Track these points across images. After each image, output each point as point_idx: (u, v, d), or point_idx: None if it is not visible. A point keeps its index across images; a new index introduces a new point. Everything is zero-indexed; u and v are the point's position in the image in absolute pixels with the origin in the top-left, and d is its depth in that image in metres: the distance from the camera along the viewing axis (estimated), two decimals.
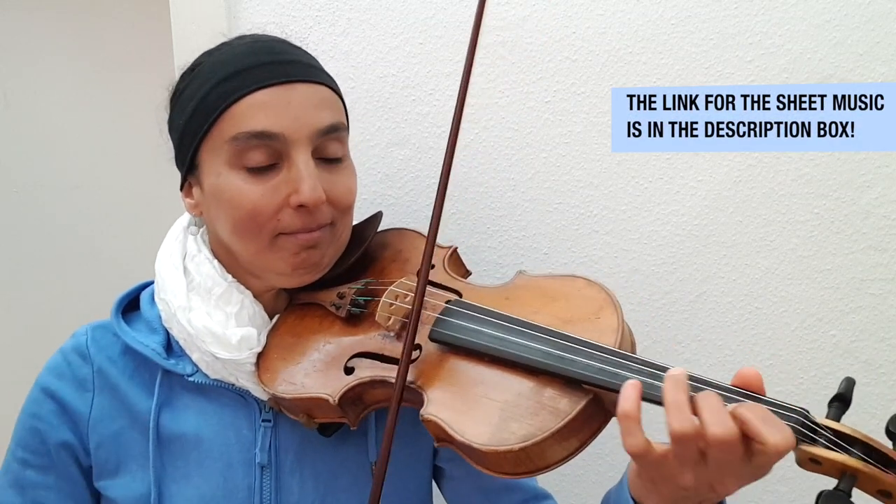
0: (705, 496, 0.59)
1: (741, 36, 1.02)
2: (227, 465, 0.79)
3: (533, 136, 1.07)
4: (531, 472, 0.64)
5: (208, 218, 0.81)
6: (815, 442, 0.57)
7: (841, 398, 0.61)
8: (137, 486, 0.79)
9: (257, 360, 0.79)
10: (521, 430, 0.62)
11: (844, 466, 0.56)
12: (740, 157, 1.04)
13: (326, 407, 0.75)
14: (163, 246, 0.85)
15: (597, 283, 0.73)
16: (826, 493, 0.56)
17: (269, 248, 0.77)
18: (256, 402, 0.81)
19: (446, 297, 0.77)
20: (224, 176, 0.76)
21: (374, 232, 0.89)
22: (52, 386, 0.81)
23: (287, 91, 0.75)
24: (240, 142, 0.74)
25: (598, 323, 0.68)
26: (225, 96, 0.75)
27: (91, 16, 1.74)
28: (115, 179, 1.80)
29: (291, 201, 0.75)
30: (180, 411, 0.81)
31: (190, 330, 0.78)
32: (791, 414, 0.58)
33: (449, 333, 0.72)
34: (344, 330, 0.80)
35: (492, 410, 0.65)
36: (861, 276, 1.04)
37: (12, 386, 1.43)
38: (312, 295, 0.84)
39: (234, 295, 0.80)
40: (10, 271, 1.84)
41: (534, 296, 0.75)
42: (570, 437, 0.63)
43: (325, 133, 0.77)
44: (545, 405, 0.64)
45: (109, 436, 0.80)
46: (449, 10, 1.06)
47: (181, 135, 0.80)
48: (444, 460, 0.90)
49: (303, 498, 0.80)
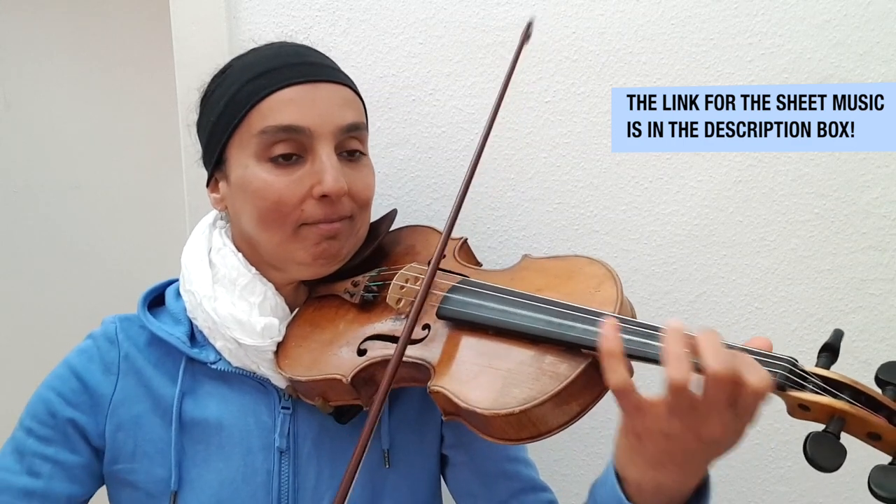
0: (689, 451, 0.60)
1: (741, 36, 1.02)
2: (247, 449, 0.82)
3: (533, 136, 1.07)
4: (534, 436, 0.66)
5: (233, 211, 0.84)
6: (803, 388, 0.58)
7: (829, 348, 0.62)
8: (157, 470, 0.81)
9: (277, 349, 0.83)
10: (522, 394, 0.65)
11: (833, 409, 0.57)
12: (740, 157, 1.04)
13: (340, 388, 0.77)
14: (189, 241, 0.89)
15: (598, 260, 0.75)
16: (814, 434, 0.56)
17: (292, 238, 0.81)
18: (276, 390, 0.84)
19: (450, 285, 0.79)
20: (251, 168, 0.80)
21: (389, 227, 0.93)
22: (80, 367, 0.84)
23: (313, 89, 0.80)
24: (268, 135, 0.79)
25: (598, 296, 0.71)
26: (255, 93, 0.79)
27: (91, 16, 1.74)
28: (115, 179, 1.79)
29: (315, 192, 0.79)
30: (203, 398, 0.83)
31: (215, 318, 0.81)
32: (779, 362, 0.60)
33: (454, 309, 0.75)
34: (358, 316, 0.83)
35: (495, 378, 0.67)
36: (861, 276, 1.04)
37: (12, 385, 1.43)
38: (329, 287, 0.87)
39: (258, 286, 0.83)
40: (9, 271, 1.83)
41: (537, 275, 0.78)
42: (570, 400, 0.65)
43: (348, 130, 0.82)
44: (546, 370, 0.66)
45: (130, 419, 0.83)
46: (449, 10, 1.06)
47: (211, 131, 0.84)
48: (448, 447, 0.91)
49: (319, 483, 0.83)
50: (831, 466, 0.55)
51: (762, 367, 0.57)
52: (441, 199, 1.09)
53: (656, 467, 0.62)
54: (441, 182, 1.09)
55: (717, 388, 0.56)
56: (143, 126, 1.73)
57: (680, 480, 0.62)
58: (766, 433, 1.08)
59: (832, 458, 0.55)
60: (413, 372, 0.74)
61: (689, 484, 0.63)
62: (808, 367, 0.60)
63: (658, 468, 0.62)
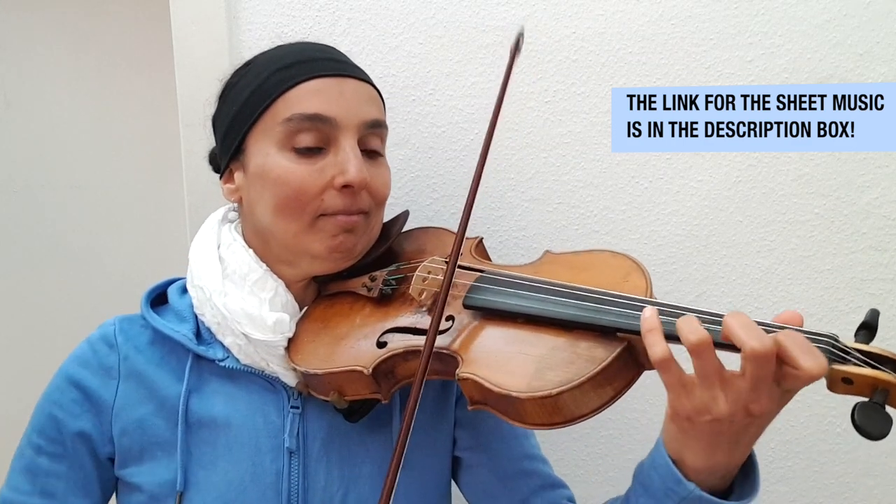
0: (739, 428, 0.61)
1: (741, 36, 1.02)
2: (255, 450, 0.81)
3: (533, 136, 1.07)
4: (566, 421, 0.66)
5: (248, 201, 0.84)
6: (846, 362, 0.59)
7: (867, 326, 0.63)
8: (163, 472, 0.80)
9: (288, 345, 0.82)
10: (558, 377, 0.64)
11: (876, 381, 0.57)
12: (740, 157, 1.04)
13: (359, 380, 0.77)
14: (197, 236, 0.88)
15: (622, 253, 0.75)
16: (861, 403, 0.57)
17: (310, 229, 0.80)
18: (285, 388, 0.83)
19: (475, 276, 0.79)
20: (273, 156, 0.80)
21: (401, 228, 0.93)
22: (77, 374, 0.82)
23: (340, 83, 0.81)
24: (293, 123, 0.79)
25: (626, 285, 0.70)
26: (283, 82, 0.80)
27: (91, 16, 1.74)
28: (115, 179, 1.79)
29: (336, 182, 0.79)
30: (209, 396, 0.82)
31: (225, 312, 0.80)
32: (821, 338, 0.60)
33: (482, 298, 0.74)
34: (375, 310, 0.83)
35: (528, 363, 0.67)
36: (861, 276, 1.04)
37: (12, 386, 1.43)
38: (341, 284, 0.87)
39: (269, 282, 0.83)
40: (9, 271, 1.83)
41: (562, 269, 0.77)
42: (605, 384, 0.65)
43: (371, 126, 0.82)
44: (581, 355, 0.66)
45: (134, 422, 0.81)
46: (449, 10, 1.06)
47: (231, 121, 0.83)
48: (463, 449, 0.91)
49: (329, 484, 0.82)
50: (880, 434, 0.56)
51: (820, 353, 0.57)
52: (441, 198, 1.09)
53: (712, 447, 0.62)
54: (441, 182, 1.09)
55: (759, 365, 0.57)
56: (143, 126, 1.73)
57: (732, 457, 0.64)
58: (766, 433, 1.07)
59: (881, 426, 0.56)
60: (437, 364, 0.73)
61: (740, 459, 0.65)
62: (847, 342, 0.61)
63: (713, 449, 0.62)
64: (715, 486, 0.65)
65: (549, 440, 0.96)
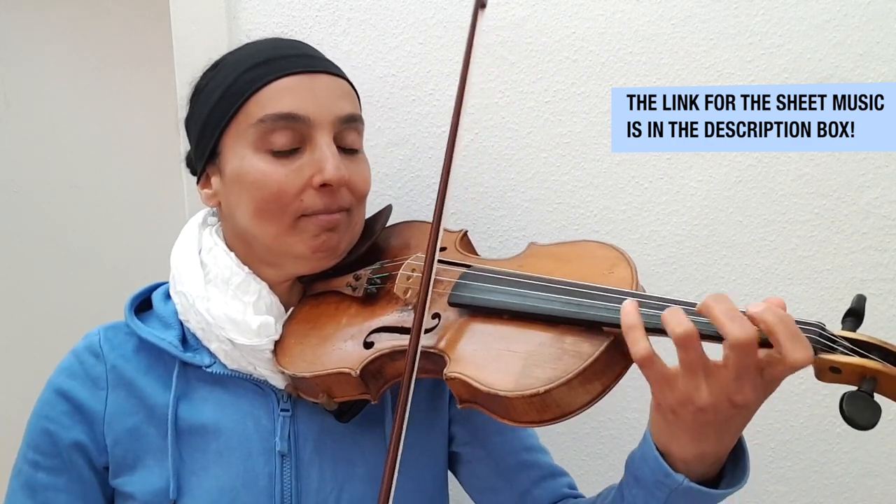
0: (724, 419, 0.61)
1: (741, 36, 1.02)
2: (246, 454, 0.80)
3: (533, 136, 1.07)
4: (557, 417, 0.66)
5: (227, 205, 0.83)
6: (833, 351, 0.58)
7: (854, 313, 0.62)
8: (155, 480, 0.79)
9: (274, 348, 0.81)
10: (545, 374, 0.64)
11: (864, 369, 0.57)
12: (740, 157, 1.04)
13: (347, 382, 0.76)
14: (178, 242, 0.87)
15: (609, 244, 0.75)
16: (849, 393, 0.56)
17: (291, 230, 0.79)
18: (274, 391, 0.83)
19: (460, 272, 0.78)
20: (248, 159, 0.78)
21: (385, 223, 0.92)
22: (65, 386, 0.81)
23: (311, 79, 0.80)
24: (266, 124, 0.77)
25: (612, 277, 0.70)
26: (253, 82, 0.79)
27: (91, 16, 1.74)
28: (115, 179, 1.80)
29: (315, 181, 0.78)
30: (198, 403, 0.81)
31: (209, 318, 0.79)
32: (808, 327, 0.59)
33: (467, 295, 0.74)
34: (361, 310, 0.82)
35: (515, 361, 0.67)
36: (861, 276, 1.04)
37: (12, 386, 1.43)
38: (326, 283, 0.86)
39: (252, 285, 0.82)
40: (9, 271, 1.83)
41: (547, 261, 0.77)
42: (593, 379, 0.64)
43: (346, 122, 0.81)
44: (567, 350, 0.65)
45: (125, 432, 0.81)
46: (449, 10, 1.06)
47: (203, 125, 0.82)
48: (461, 444, 0.91)
49: (322, 486, 0.81)
50: (868, 424, 0.55)
51: (808, 342, 0.57)
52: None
53: (698, 438, 0.63)
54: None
55: (741, 354, 0.57)
56: (143, 126, 1.73)
57: (720, 446, 0.64)
58: (766, 433, 1.08)
59: (869, 415, 0.55)
60: (424, 363, 0.73)
61: (728, 447, 0.65)
62: (835, 330, 0.60)
63: (699, 439, 0.63)
64: (705, 474, 0.66)
65: (549, 440, 0.96)
